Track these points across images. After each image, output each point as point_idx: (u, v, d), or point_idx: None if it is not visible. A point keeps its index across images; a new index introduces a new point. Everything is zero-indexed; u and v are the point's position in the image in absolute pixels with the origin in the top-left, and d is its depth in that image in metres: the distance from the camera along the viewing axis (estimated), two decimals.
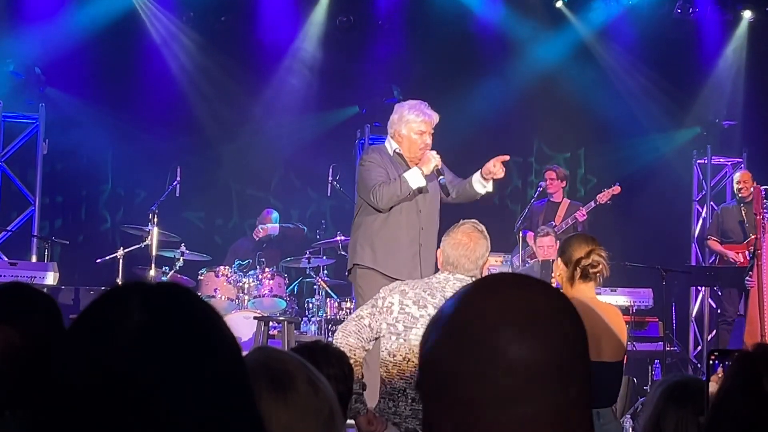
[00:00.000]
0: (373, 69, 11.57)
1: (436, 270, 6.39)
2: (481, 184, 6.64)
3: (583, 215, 10.08)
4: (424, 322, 4.60)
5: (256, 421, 1.22)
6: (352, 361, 3.42)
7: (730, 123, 11.97)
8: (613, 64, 12.14)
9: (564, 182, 10.53)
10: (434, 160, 6.46)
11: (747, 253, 10.02)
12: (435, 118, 6.62)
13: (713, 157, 11.80)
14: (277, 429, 1.73)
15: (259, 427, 1.22)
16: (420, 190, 6.51)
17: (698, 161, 11.97)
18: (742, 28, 12.05)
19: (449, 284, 4.78)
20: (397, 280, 6.40)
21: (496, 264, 10.22)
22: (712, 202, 11.61)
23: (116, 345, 1.15)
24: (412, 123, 6.58)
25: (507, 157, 6.59)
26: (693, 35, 12.07)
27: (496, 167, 6.54)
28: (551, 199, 10.45)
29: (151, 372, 1.14)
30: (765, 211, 8.76)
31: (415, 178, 6.43)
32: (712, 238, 10.49)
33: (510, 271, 10.22)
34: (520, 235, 10.20)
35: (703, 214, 11.75)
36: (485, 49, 11.94)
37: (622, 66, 12.12)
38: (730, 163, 11.87)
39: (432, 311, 4.63)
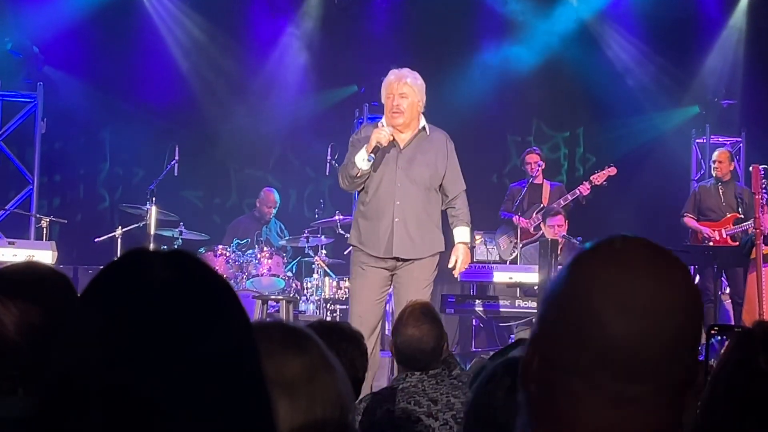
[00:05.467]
0: (371, 48, 11.55)
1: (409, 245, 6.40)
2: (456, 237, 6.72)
3: (587, 189, 10.03)
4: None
5: (264, 381, 1.25)
6: None
7: (729, 102, 11.95)
8: (612, 43, 12.11)
9: (544, 164, 10.48)
10: (375, 139, 6.33)
11: (724, 230, 10.04)
12: (398, 78, 6.46)
13: (712, 137, 11.78)
14: (287, 380, 1.72)
15: (266, 388, 1.25)
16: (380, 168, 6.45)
17: (697, 140, 11.96)
18: (742, 6, 12.01)
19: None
20: (374, 257, 6.42)
21: (476, 242, 10.32)
22: None
23: (141, 299, 1.16)
24: (382, 89, 6.56)
25: (464, 269, 6.71)
26: (692, 13, 12.03)
27: (455, 268, 6.68)
28: (533, 181, 10.38)
29: (175, 326, 1.16)
30: (764, 190, 8.77)
31: (360, 158, 6.38)
32: (689, 215, 10.47)
33: (496, 251, 10.27)
34: (501, 217, 10.27)
35: None
36: (484, 27, 11.91)
37: (621, 44, 12.09)
38: (729, 143, 11.85)
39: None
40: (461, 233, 6.67)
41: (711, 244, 10.02)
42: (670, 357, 1.26)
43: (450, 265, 6.65)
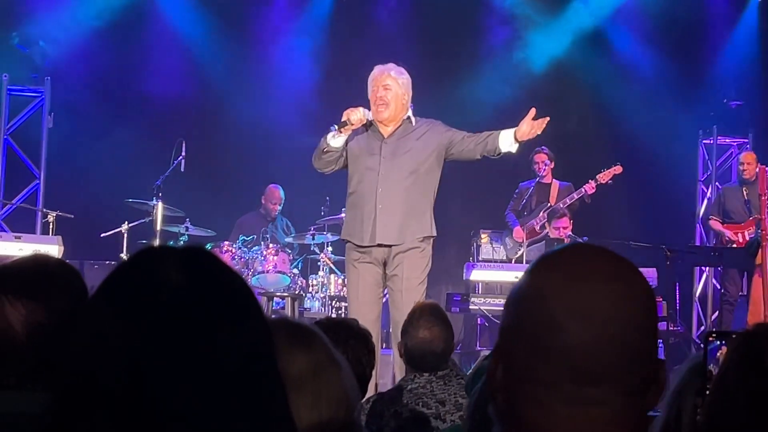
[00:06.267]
0: (379, 45, 11.54)
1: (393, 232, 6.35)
2: (509, 143, 6.41)
3: (593, 188, 9.99)
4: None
5: (279, 377, 1.24)
6: None
7: (736, 103, 11.92)
8: (620, 42, 12.09)
9: (552, 163, 10.45)
10: (345, 114, 6.39)
11: (747, 233, 10.01)
12: (382, 72, 6.51)
13: (719, 138, 11.77)
14: (294, 376, 1.72)
15: (281, 383, 1.24)
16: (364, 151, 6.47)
17: (704, 141, 11.94)
18: (752, 7, 11.99)
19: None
20: (360, 247, 6.40)
21: (482, 241, 10.33)
22: (717, 183, 11.59)
23: (155, 304, 1.16)
24: (368, 84, 6.60)
25: (548, 119, 6.35)
26: (701, 13, 12.01)
27: (534, 130, 6.34)
28: (541, 181, 10.36)
29: (190, 331, 1.15)
30: None
31: (331, 134, 6.44)
32: (714, 217, 10.47)
33: (503, 250, 10.27)
34: (506, 219, 10.28)
35: (708, 195, 11.73)
36: (491, 28, 11.91)
37: (628, 43, 12.07)
38: (735, 144, 11.84)
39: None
40: (506, 131, 6.44)
41: (734, 246, 10.02)
42: (630, 360, 1.27)
43: (530, 132, 6.36)
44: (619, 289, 1.28)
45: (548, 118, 6.37)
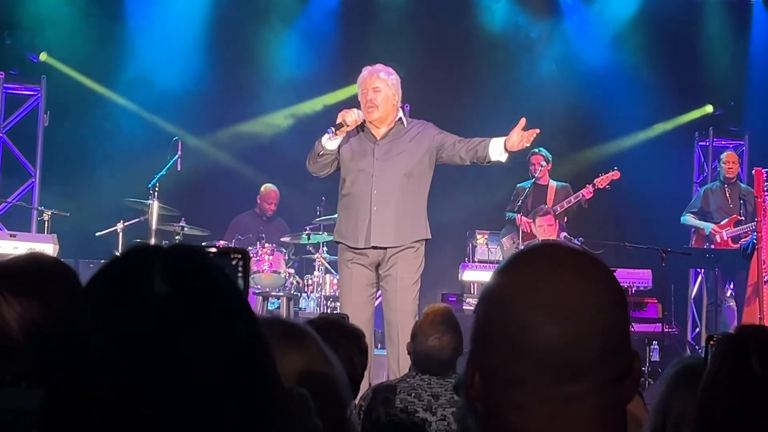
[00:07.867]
0: (377, 46, 11.55)
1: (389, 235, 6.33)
2: (498, 152, 6.40)
3: (590, 192, 9.99)
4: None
5: (277, 377, 1.24)
6: None
7: (733, 106, 11.94)
8: (619, 45, 12.10)
9: (549, 165, 10.45)
10: (340, 116, 6.36)
11: (726, 233, 10.01)
12: (371, 73, 6.49)
13: (715, 140, 11.79)
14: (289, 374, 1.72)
15: (279, 381, 1.24)
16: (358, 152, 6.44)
17: (700, 143, 11.96)
18: (752, 12, 12.02)
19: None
20: (354, 248, 6.39)
21: (477, 242, 10.35)
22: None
23: (140, 317, 1.15)
24: (357, 86, 6.58)
25: (537, 131, 6.38)
26: (699, 17, 12.04)
27: (522, 142, 6.34)
28: (537, 182, 10.36)
29: (176, 342, 1.14)
30: (766, 193, 8.77)
31: (326, 137, 6.39)
32: (691, 213, 10.49)
33: (499, 250, 10.29)
34: (507, 216, 10.28)
35: None
36: (491, 35, 11.95)
37: (627, 47, 12.08)
38: (732, 146, 11.84)
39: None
40: (496, 140, 6.42)
41: (713, 246, 10.02)
42: (603, 353, 1.27)
43: (519, 143, 6.35)
44: (587, 283, 1.29)
45: (538, 130, 6.40)
